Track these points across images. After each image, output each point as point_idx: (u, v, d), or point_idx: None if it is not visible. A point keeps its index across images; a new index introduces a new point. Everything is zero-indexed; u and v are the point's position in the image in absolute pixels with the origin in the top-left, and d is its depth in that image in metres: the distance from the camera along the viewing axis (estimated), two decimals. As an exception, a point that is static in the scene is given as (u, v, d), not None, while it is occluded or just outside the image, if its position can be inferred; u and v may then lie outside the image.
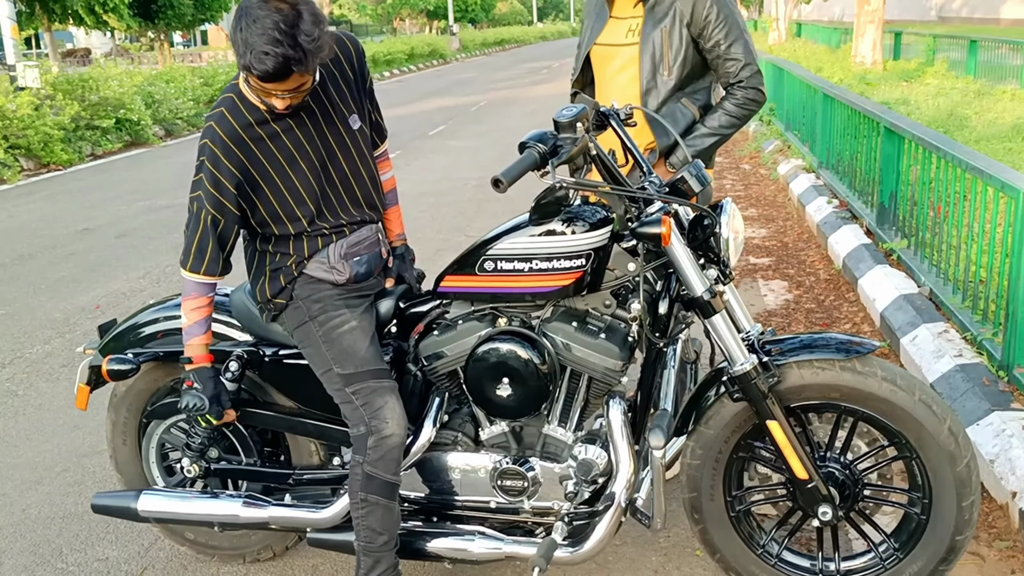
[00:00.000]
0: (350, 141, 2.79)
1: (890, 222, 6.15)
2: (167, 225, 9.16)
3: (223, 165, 2.62)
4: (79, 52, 45.63)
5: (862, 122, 7.04)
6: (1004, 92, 13.05)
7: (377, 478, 2.72)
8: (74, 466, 4.22)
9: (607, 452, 2.73)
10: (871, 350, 2.64)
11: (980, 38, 16.51)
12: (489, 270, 2.71)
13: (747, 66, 3.39)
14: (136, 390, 3.21)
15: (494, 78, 29.07)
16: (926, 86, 14.11)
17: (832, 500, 2.70)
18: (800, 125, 10.43)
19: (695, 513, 2.88)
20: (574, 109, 2.52)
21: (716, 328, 2.63)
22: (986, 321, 4.37)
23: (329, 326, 2.78)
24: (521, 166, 2.42)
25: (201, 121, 18.14)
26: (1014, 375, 3.86)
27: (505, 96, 22.02)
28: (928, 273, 5.23)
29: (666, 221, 2.50)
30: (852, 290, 5.83)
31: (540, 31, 72.69)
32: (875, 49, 18.02)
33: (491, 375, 2.72)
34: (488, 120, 17.02)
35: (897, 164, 5.95)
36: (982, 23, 32.14)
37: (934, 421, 2.59)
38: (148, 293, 6.81)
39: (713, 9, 3.36)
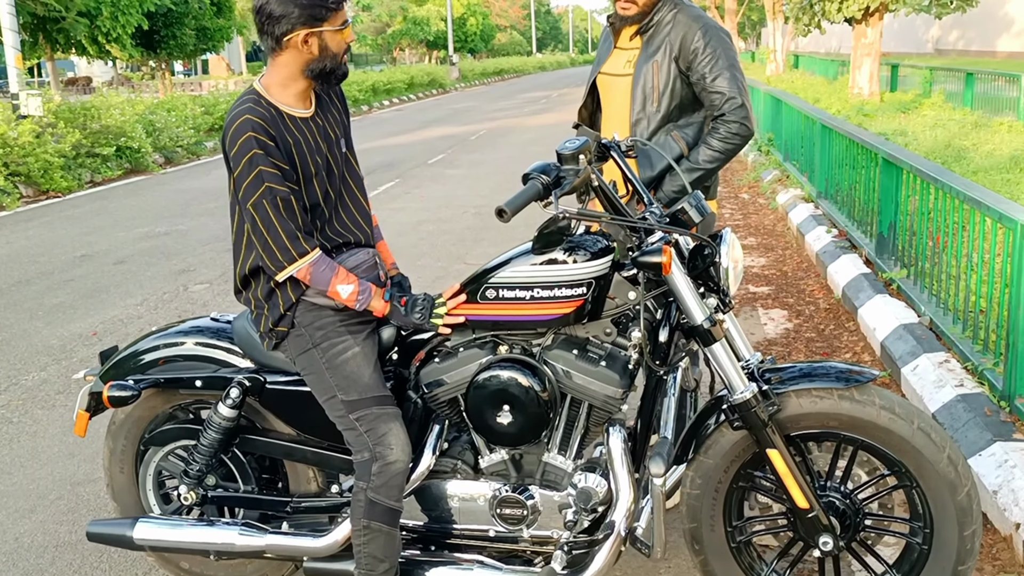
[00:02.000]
0: (343, 161, 2.87)
1: (889, 252, 6.16)
2: (165, 252, 9.17)
3: (271, 147, 2.63)
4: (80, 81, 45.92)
5: (860, 153, 7.08)
6: (1001, 124, 13.12)
7: (380, 504, 2.71)
8: (68, 494, 4.19)
9: (607, 480, 2.72)
10: (870, 379, 2.64)
11: (976, 71, 16.60)
12: (491, 298, 2.71)
13: (730, 100, 3.43)
14: (135, 417, 3.20)
15: (493, 107, 29.20)
16: (923, 117, 14.18)
17: (833, 530, 2.69)
18: (799, 155, 10.47)
19: (695, 543, 2.86)
20: (576, 141, 2.54)
21: (716, 356, 2.63)
22: (987, 351, 4.37)
23: (332, 353, 2.77)
24: (524, 196, 2.44)
25: (202, 149, 18.35)
26: (1015, 405, 3.86)
27: (504, 126, 22.11)
28: (928, 303, 5.23)
29: (667, 251, 2.51)
30: (852, 319, 5.83)
31: (539, 61, 73.15)
32: (872, 81, 18.13)
33: (492, 402, 2.72)
34: (487, 149, 17.08)
35: (896, 194, 5.97)
36: (978, 55, 32.38)
37: (933, 449, 2.58)
38: (146, 320, 6.79)
39: (701, 42, 3.43)
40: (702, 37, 3.45)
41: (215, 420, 2.96)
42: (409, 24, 64.53)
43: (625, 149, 2.90)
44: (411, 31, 64.53)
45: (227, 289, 7.55)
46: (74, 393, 5.42)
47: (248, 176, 2.62)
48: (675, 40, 3.47)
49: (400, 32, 64.81)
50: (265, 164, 2.61)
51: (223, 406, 2.93)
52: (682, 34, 3.46)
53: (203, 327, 3.18)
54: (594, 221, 2.62)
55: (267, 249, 2.65)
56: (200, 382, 3.03)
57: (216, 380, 3.01)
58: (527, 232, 2.65)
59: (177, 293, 7.58)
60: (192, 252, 9.11)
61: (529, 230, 2.68)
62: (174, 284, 7.90)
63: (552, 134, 18.53)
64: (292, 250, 2.64)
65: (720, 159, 3.48)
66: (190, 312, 6.88)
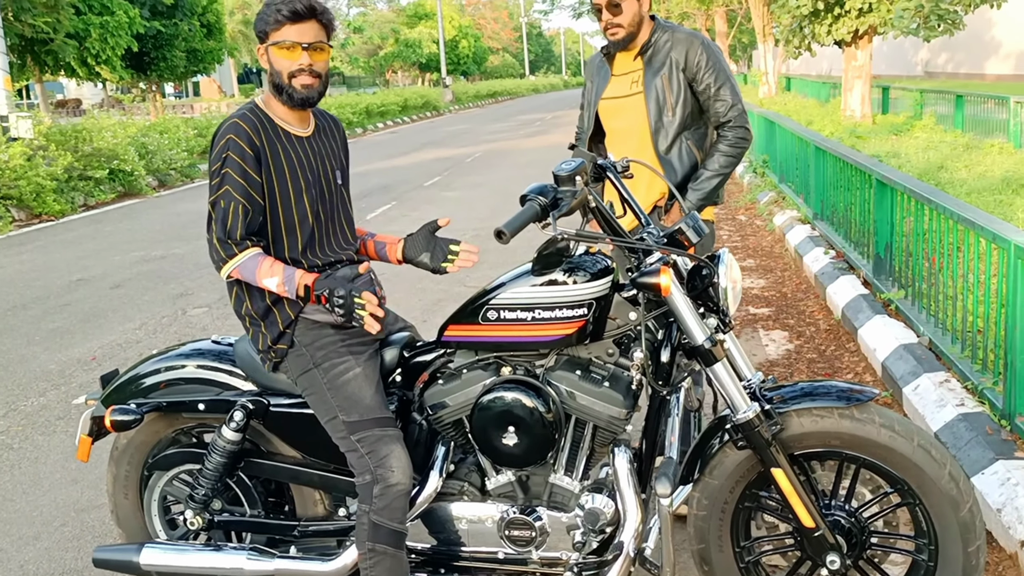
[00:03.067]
0: (337, 189, 2.94)
1: (886, 273, 6.19)
2: (162, 276, 9.17)
3: (248, 155, 2.70)
4: (70, 103, 45.97)
5: (855, 174, 7.12)
6: (992, 146, 13.19)
7: (384, 527, 2.71)
8: (72, 520, 4.17)
9: (614, 501, 2.72)
10: (870, 398, 2.67)
11: (967, 93, 16.72)
12: (492, 319, 2.73)
13: (734, 106, 3.73)
14: (138, 442, 3.19)
15: (488, 130, 29.30)
16: (915, 139, 14.27)
17: (840, 548, 2.70)
18: (794, 177, 10.52)
19: (704, 564, 2.87)
20: (573, 163, 2.57)
21: (718, 376, 2.65)
22: (986, 370, 4.39)
23: (334, 373, 2.79)
24: (523, 218, 2.47)
25: (195, 172, 18.35)
26: (1016, 424, 3.88)
27: (499, 148, 22.17)
28: (927, 323, 5.25)
29: (665, 271, 2.53)
30: (852, 340, 5.84)
31: (532, 84, 73.43)
32: (864, 103, 18.25)
33: (497, 424, 2.73)
34: (483, 171, 17.12)
35: (891, 216, 6.01)
36: (967, 78, 32.58)
37: (934, 467, 2.60)
38: (145, 344, 6.78)
39: (703, 56, 3.70)
40: (703, 51, 3.71)
41: (219, 444, 2.96)
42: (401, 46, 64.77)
43: (620, 170, 2.94)
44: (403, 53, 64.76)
45: (227, 312, 7.55)
46: (74, 418, 5.41)
47: (215, 176, 2.73)
48: (679, 56, 3.71)
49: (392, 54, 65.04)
50: (233, 169, 2.70)
51: (227, 429, 2.93)
52: (684, 50, 3.71)
53: (204, 350, 3.19)
54: (592, 242, 2.65)
55: (210, 246, 2.77)
56: (203, 405, 3.03)
57: (219, 403, 3.01)
58: (528, 253, 2.67)
59: (176, 317, 7.57)
60: (189, 276, 9.11)
61: (530, 252, 2.70)
62: (172, 308, 7.89)
63: (548, 156, 18.59)
64: (223, 251, 2.74)
65: (733, 163, 3.75)
66: (189, 336, 6.86)
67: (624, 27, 3.69)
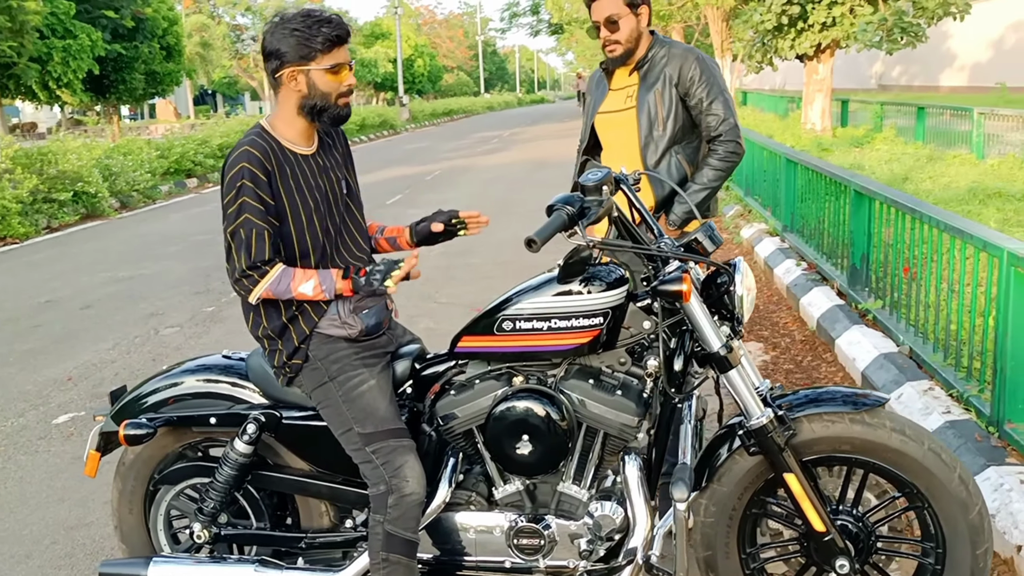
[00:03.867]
0: (343, 200, 2.95)
1: (862, 283, 6.27)
2: (132, 296, 9.07)
3: (261, 181, 2.71)
4: (25, 126, 45.35)
5: (828, 185, 7.21)
6: (955, 157, 13.44)
7: (398, 537, 2.73)
8: (63, 538, 4.13)
9: (623, 508, 2.75)
10: (881, 403, 2.72)
11: (928, 105, 17.02)
12: (508, 330, 2.76)
13: (725, 121, 3.75)
14: (144, 457, 3.19)
15: (446, 148, 29.27)
16: (877, 152, 14.49)
17: (849, 553, 2.74)
18: (760, 190, 10.63)
19: (710, 571, 2.90)
20: (599, 173, 2.61)
21: (733, 383, 2.70)
22: (970, 378, 4.47)
23: (349, 386, 2.80)
24: (552, 227, 2.50)
25: (157, 193, 18.19)
26: (1005, 430, 3.95)
27: (459, 165, 22.17)
28: (906, 332, 5.33)
29: (687, 279, 2.57)
30: (829, 350, 5.92)
31: (487, 102, 73.47)
32: (824, 116, 18.49)
33: (512, 433, 2.76)
34: (444, 189, 17.11)
35: (868, 226, 6.09)
36: (921, 90, 33.14)
37: (945, 470, 2.66)
38: (120, 364, 6.73)
39: (697, 71, 3.74)
40: (697, 66, 3.75)
41: (232, 456, 2.96)
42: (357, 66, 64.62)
43: (632, 182, 2.98)
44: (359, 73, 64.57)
45: (199, 332, 7.51)
46: (55, 438, 5.37)
47: (232, 205, 2.71)
48: (673, 71, 3.75)
49: (346, 74, 64.78)
50: (250, 197, 2.69)
51: (240, 442, 2.93)
52: (679, 65, 3.76)
53: (211, 365, 3.20)
54: (618, 250, 2.69)
55: (233, 275, 2.75)
56: (215, 419, 3.03)
57: (231, 417, 3.02)
58: (495, 269, 2.69)
59: (148, 337, 7.50)
60: (159, 296, 9.02)
61: (500, 267, 2.73)
62: (144, 328, 7.82)
63: (509, 173, 18.68)
64: (255, 275, 2.72)
65: (722, 176, 3.78)
66: (164, 356, 6.83)
67: (622, 43, 3.76)
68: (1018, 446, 3.87)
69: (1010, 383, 3.96)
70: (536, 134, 33.07)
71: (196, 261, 10.75)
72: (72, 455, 5.09)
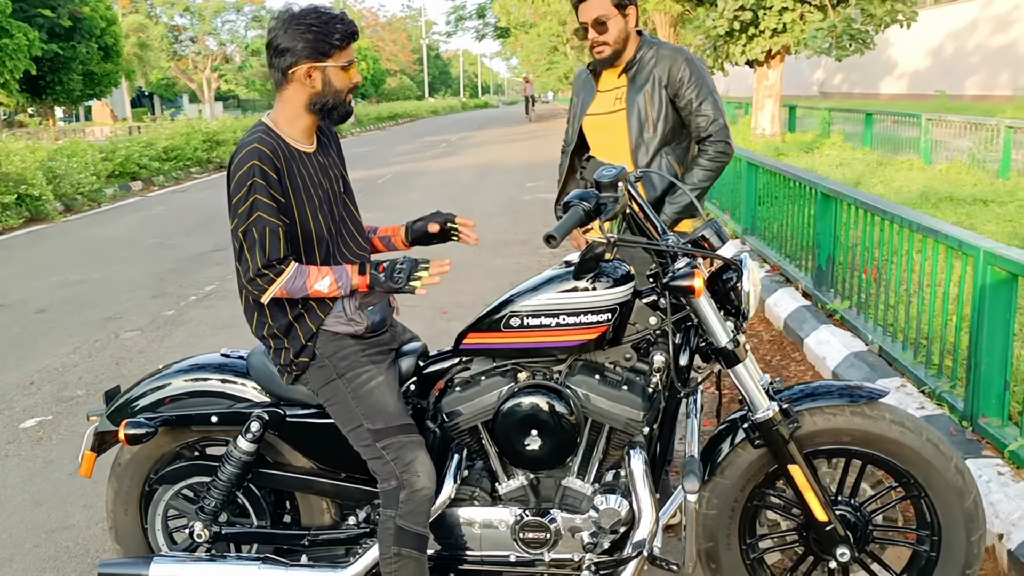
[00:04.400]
0: (341, 198, 2.95)
1: (828, 284, 6.39)
2: (86, 300, 8.92)
3: (272, 179, 2.70)
4: (-51, 129, 44.25)
5: (792, 188, 7.34)
6: (903, 162, 13.74)
7: (409, 531, 2.75)
8: (45, 542, 4.08)
9: (628, 501, 2.79)
10: (880, 395, 2.79)
11: (875, 111, 17.36)
12: (515, 326, 2.78)
13: (715, 121, 3.74)
14: (140, 457, 3.16)
15: (394, 152, 29.14)
16: (827, 156, 14.74)
17: (849, 541, 2.82)
18: (719, 194, 10.77)
19: (712, 563, 2.96)
20: (614, 169, 2.64)
21: (739, 376, 2.76)
22: (941, 375, 4.59)
23: (357, 383, 2.81)
24: (570, 222, 2.54)
25: (102, 196, 17.87)
26: (979, 424, 4.07)
27: (409, 169, 22.08)
28: (875, 332, 5.45)
29: (699, 274, 2.62)
30: (798, 350, 6.02)
31: (432, 106, 73.19)
32: (774, 122, 18.76)
33: (521, 428, 2.79)
34: (396, 193, 17.05)
35: (834, 228, 6.21)
36: (862, 98, 33.75)
37: (942, 459, 2.74)
38: (83, 368, 6.64)
39: (686, 72, 3.72)
40: (687, 67, 3.73)
41: (235, 454, 2.95)
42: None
43: (634, 181, 3.01)
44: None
45: (162, 335, 7.42)
46: (24, 442, 5.29)
47: (244, 204, 2.69)
48: (662, 72, 3.74)
49: (291, 77, 64.12)
50: (262, 194, 2.68)
51: (243, 440, 2.93)
52: (668, 66, 3.74)
53: (211, 363, 3.17)
54: (633, 246, 2.72)
55: (246, 275, 2.72)
56: (216, 417, 3.01)
57: (232, 415, 3.00)
58: (457, 273, 2.72)
59: (109, 340, 7.39)
60: (115, 300, 8.89)
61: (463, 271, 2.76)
62: (104, 332, 7.70)
63: (461, 177, 18.68)
64: (270, 274, 2.71)
65: (712, 177, 3.77)
66: (128, 360, 6.76)
67: (610, 45, 3.74)
68: (992, 439, 3.98)
69: (984, 379, 4.08)
70: (485, 138, 33.12)
71: (149, 265, 10.59)
72: (44, 459, 5.02)
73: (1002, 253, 4.02)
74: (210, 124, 26.82)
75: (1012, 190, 10.45)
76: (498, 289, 8.31)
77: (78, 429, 5.41)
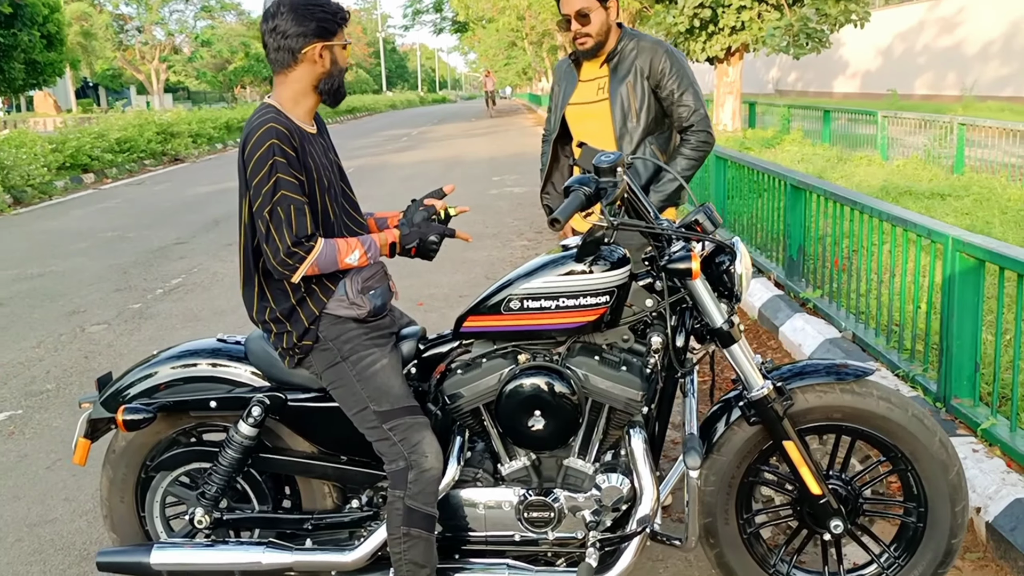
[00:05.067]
0: (339, 180, 2.99)
1: (800, 274, 6.51)
2: (46, 294, 8.79)
3: (291, 156, 2.72)
4: None
5: (763, 181, 7.45)
6: (862, 158, 14.02)
7: (418, 511, 2.78)
8: (27, 535, 4.04)
9: (629, 479, 2.85)
10: (868, 373, 2.88)
11: (834, 108, 17.64)
12: (515, 309, 2.83)
13: (696, 111, 3.84)
14: (136, 445, 3.14)
15: (354, 145, 28.96)
16: (787, 152, 14.95)
17: (842, 514, 2.90)
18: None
19: (710, 538, 3.02)
20: (612, 155, 2.70)
21: (735, 356, 2.83)
22: (914, 359, 4.71)
23: (362, 365, 2.84)
24: (572, 206, 2.60)
25: (52, 188, 17.54)
26: (952, 405, 4.20)
27: (371, 163, 21.98)
28: (847, 319, 5.57)
29: (696, 257, 2.69)
30: (773, 338, 6.13)
31: (390, 100, 72.90)
32: (735, 118, 18.99)
33: (524, 408, 2.83)
34: (362, 186, 16.83)
35: (804, 219, 6.32)
36: (816, 96, 34.27)
37: (927, 434, 2.84)
38: (50, 362, 6.57)
39: (667, 63, 3.82)
40: (668, 59, 3.83)
41: (236, 439, 2.96)
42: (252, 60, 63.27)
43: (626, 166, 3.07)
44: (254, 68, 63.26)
45: (130, 328, 7.36)
46: (-2, 435, 5.23)
47: (266, 183, 2.70)
48: (644, 63, 3.83)
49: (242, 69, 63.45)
50: (284, 172, 2.70)
51: (245, 425, 2.93)
52: (649, 57, 3.83)
53: (206, 348, 3.16)
54: (634, 230, 2.78)
55: (277, 255, 2.72)
56: (215, 403, 3.01)
57: (231, 400, 3.01)
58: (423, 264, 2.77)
59: (75, 335, 7.31)
60: (76, 293, 8.78)
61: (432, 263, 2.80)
62: (68, 325, 7.61)
63: (425, 171, 18.65)
64: (300, 252, 2.73)
65: (695, 166, 3.88)
66: (96, 353, 6.71)
67: (592, 36, 3.82)
68: (965, 419, 4.11)
69: (956, 361, 4.20)
70: (446, 133, 33.08)
71: (109, 258, 10.46)
72: (18, 453, 4.97)
73: (970, 240, 4.15)
74: (164, 116, 26.53)
75: (967, 185, 10.69)
76: (471, 281, 8.38)
77: (51, 423, 5.37)
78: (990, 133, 12.36)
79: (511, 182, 15.91)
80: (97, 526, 4.06)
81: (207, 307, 7.98)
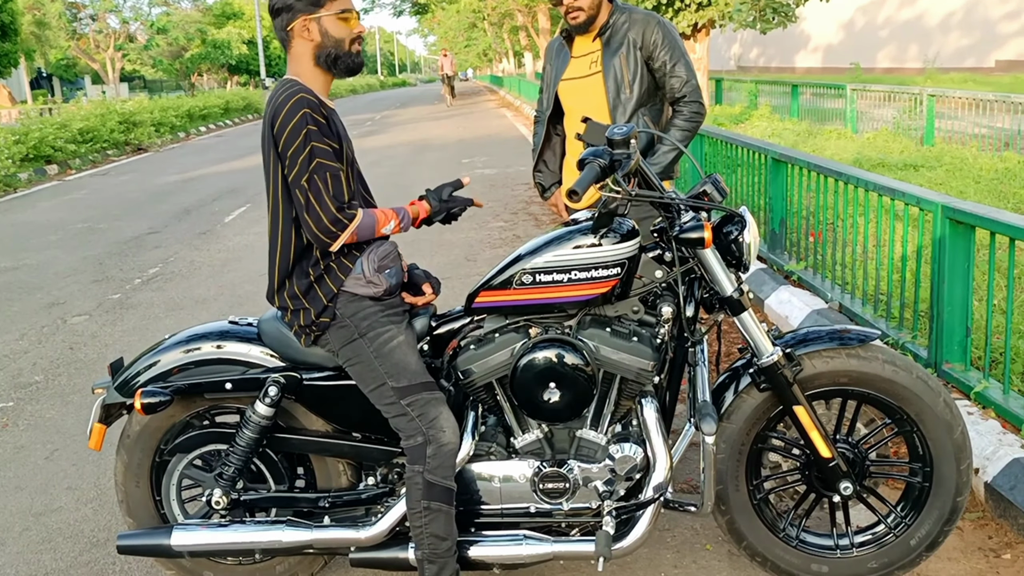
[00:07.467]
0: (353, 156, 2.99)
1: (782, 247, 6.59)
2: (24, 287, 8.70)
3: (323, 125, 2.76)
4: None
5: (739, 155, 7.52)
6: (832, 132, 14.18)
7: (438, 485, 2.82)
8: (34, 525, 4.04)
9: (642, 449, 2.91)
10: (874, 338, 2.95)
11: (802, 83, 17.79)
12: (527, 283, 2.86)
13: (688, 82, 3.90)
14: (151, 429, 3.16)
15: (320, 133, 28.85)
16: (757, 127, 15.09)
17: (851, 476, 2.98)
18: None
19: (721, 504, 3.09)
20: (625, 128, 2.74)
21: (745, 324, 2.89)
22: (902, 327, 4.80)
23: (379, 342, 2.87)
24: (589, 178, 2.64)
25: (16, 181, 17.31)
26: (943, 370, 4.29)
27: (339, 150, 21.93)
28: (833, 290, 5.65)
29: (708, 227, 2.74)
30: (759, 311, 6.20)
31: (350, 84, 72.23)
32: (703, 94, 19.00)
33: (539, 381, 2.87)
34: (331, 172, 16.93)
35: (786, 191, 6.40)
36: (778, 71, 34.48)
37: (931, 395, 2.92)
38: (35, 354, 6.53)
39: (660, 35, 3.87)
40: (660, 30, 3.88)
41: (253, 419, 2.98)
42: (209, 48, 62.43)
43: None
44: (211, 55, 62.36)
45: (113, 319, 7.32)
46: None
47: (302, 152, 2.73)
48: (636, 35, 3.88)
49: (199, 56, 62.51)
50: (318, 140, 2.74)
51: (261, 405, 2.96)
52: (642, 29, 3.88)
53: (218, 331, 3.17)
54: (648, 201, 2.82)
55: (320, 223, 2.75)
56: (230, 384, 3.03)
57: (247, 381, 3.02)
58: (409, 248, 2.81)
59: (57, 326, 7.26)
60: (54, 285, 8.71)
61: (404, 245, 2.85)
62: (49, 317, 7.56)
63: (392, 155, 18.59)
64: (343, 219, 2.77)
65: (689, 136, 3.95)
66: (81, 344, 6.68)
67: (585, 10, 3.86)
68: (956, 383, 4.21)
69: (947, 327, 4.29)
70: (410, 116, 32.94)
71: (83, 250, 10.36)
72: (14, 445, 4.95)
73: (959, 206, 4.23)
74: (126, 105, 26.21)
75: (939, 155, 10.84)
76: (451, 262, 8.42)
77: (43, 414, 5.35)
78: (958, 104, 12.54)
79: (481, 163, 15.91)
80: (103, 513, 4.07)
81: (187, 296, 7.95)
